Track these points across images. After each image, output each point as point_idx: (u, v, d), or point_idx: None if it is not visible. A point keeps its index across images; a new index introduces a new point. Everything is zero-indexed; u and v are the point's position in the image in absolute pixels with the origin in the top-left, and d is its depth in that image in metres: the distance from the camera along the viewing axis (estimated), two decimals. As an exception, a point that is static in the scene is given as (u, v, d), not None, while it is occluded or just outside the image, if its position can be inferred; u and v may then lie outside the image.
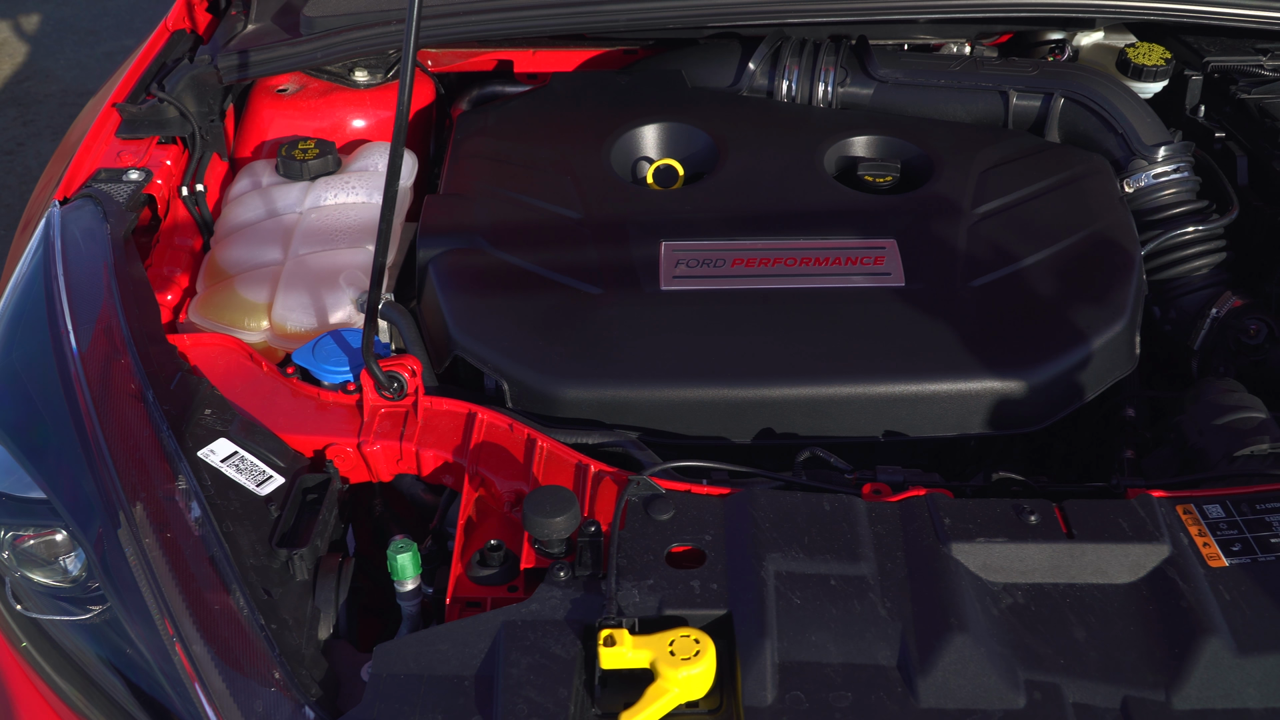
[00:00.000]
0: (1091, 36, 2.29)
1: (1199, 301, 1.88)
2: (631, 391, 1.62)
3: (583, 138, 2.00)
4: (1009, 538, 1.33)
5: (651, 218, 1.84)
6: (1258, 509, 1.37)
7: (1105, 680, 1.22)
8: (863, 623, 1.26)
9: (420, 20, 1.38)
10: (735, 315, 1.68)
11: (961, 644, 1.22)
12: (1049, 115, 2.02)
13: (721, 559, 1.34)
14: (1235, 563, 1.32)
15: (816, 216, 1.84)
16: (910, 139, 1.99)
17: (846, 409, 1.61)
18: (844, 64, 2.12)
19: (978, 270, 1.73)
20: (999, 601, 1.30)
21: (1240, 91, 2.13)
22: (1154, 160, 1.95)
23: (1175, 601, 1.27)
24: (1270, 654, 1.23)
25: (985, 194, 1.86)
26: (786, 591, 1.29)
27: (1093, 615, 1.28)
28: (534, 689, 1.23)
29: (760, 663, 1.23)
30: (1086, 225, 1.80)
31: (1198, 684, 1.21)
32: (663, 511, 1.40)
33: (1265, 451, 1.50)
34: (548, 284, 1.73)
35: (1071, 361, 1.63)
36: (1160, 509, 1.36)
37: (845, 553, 1.33)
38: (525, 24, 2.11)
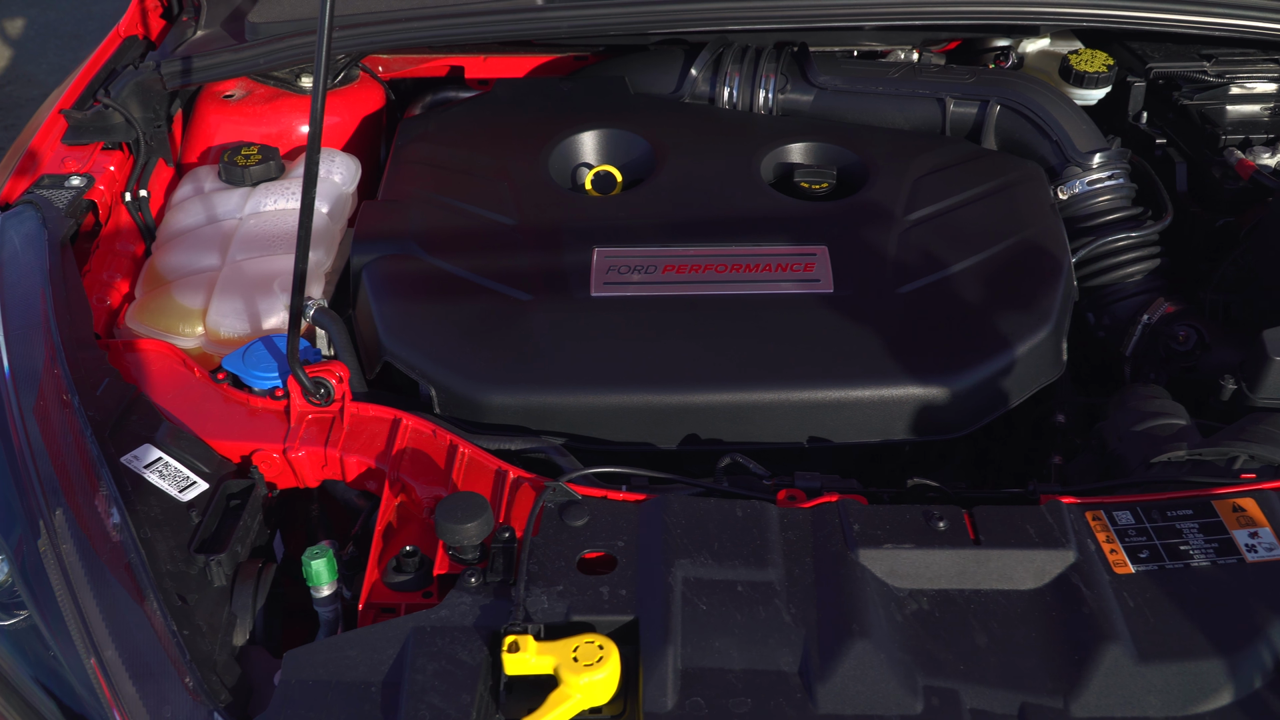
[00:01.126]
0: (1037, 43, 2.30)
1: (1132, 308, 1.88)
2: (557, 397, 1.62)
3: (522, 144, 2.00)
4: (916, 544, 1.33)
5: (586, 224, 1.84)
6: (1168, 516, 1.38)
7: (1004, 686, 1.22)
8: (767, 629, 1.27)
9: (331, 32, 1.39)
10: (663, 321, 1.68)
11: (862, 650, 1.23)
12: (985, 122, 2.03)
13: (632, 565, 1.34)
14: (1141, 570, 1.32)
15: (750, 223, 1.85)
16: (848, 146, 2.00)
17: (770, 415, 1.61)
18: (784, 71, 2.13)
19: (906, 277, 1.74)
20: (904, 607, 1.30)
21: (1183, 97, 2.13)
22: (1088, 167, 1.96)
23: (1078, 608, 1.28)
24: (1171, 662, 1.23)
25: (918, 201, 1.87)
26: (693, 598, 1.30)
27: (996, 621, 1.28)
28: (438, 695, 1.23)
29: (662, 669, 1.23)
30: (1016, 232, 1.81)
31: (1097, 691, 1.21)
32: (577, 518, 1.40)
33: (1181, 458, 1.50)
34: (478, 290, 1.74)
35: (995, 368, 1.64)
36: (1069, 516, 1.37)
37: (754, 559, 1.33)
38: (468, 31, 2.12)
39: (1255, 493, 1.40)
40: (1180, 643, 1.25)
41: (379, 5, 2.15)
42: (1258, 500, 1.39)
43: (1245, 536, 1.35)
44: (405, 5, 2.15)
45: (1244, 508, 1.38)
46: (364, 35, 2.11)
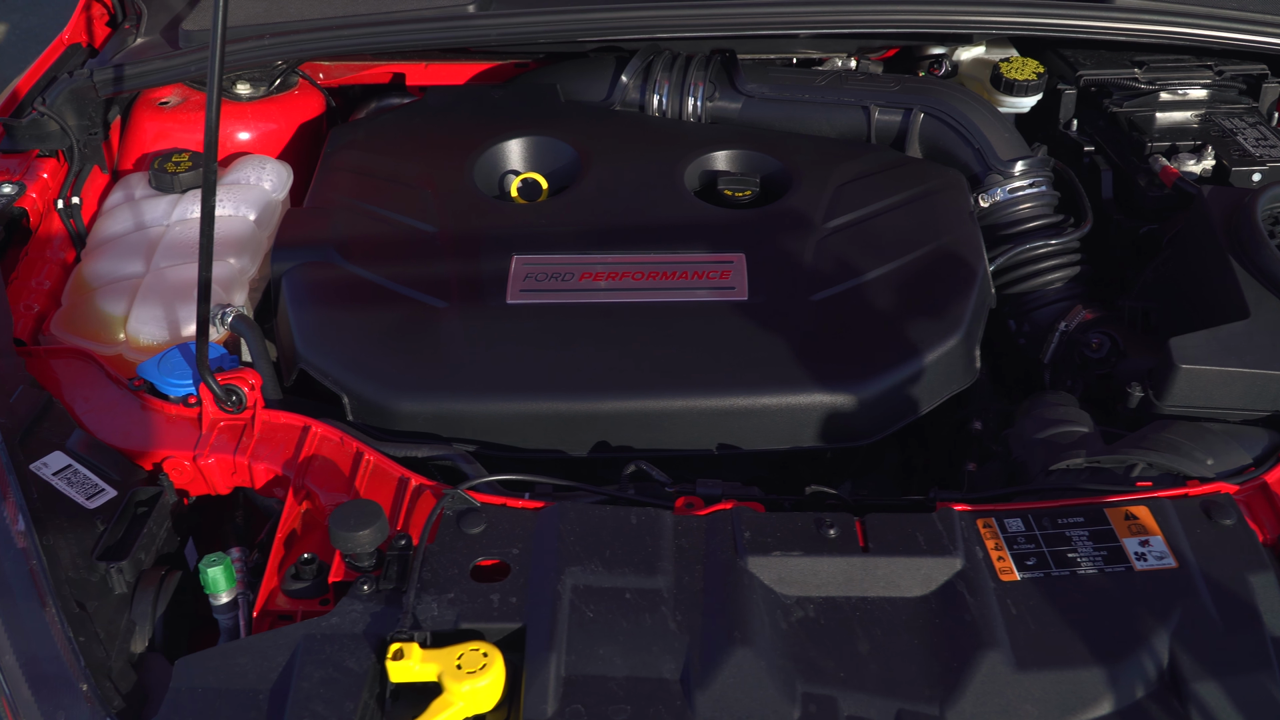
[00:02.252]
0: (972, 51, 2.30)
1: (1051, 315, 1.89)
2: (466, 405, 1.63)
3: (449, 152, 2.01)
4: (805, 551, 1.34)
5: (507, 232, 1.85)
6: (1059, 523, 1.38)
7: (882, 693, 1.23)
8: (651, 636, 1.27)
9: (225, 43, 1.39)
10: (575, 329, 1.69)
11: (742, 657, 1.23)
12: (909, 130, 2.04)
13: (525, 573, 1.35)
14: (1027, 577, 1.33)
15: (671, 231, 1.85)
16: (773, 153, 2.00)
17: (678, 422, 1.62)
18: (713, 79, 2.13)
19: (820, 284, 1.75)
20: (790, 615, 1.31)
21: (1113, 105, 2.14)
22: (1009, 175, 1.96)
23: (961, 615, 1.28)
24: (1049, 669, 1.24)
25: (838, 208, 1.88)
26: (581, 605, 1.30)
27: (879, 629, 1.29)
28: (321, 702, 1.24)
29: (544, 676, 1.24)
30: (932, 240, 1.81)
31: (973, 698, 1.22)
32: (474, 525, 1.40)
33: (1080, 466, 1.51)
34: (394, 297, 1.74)
35: (903, 375, 1.64)
36: (960, 523, 1.37)
37: (644, 566, 1.34)
38: (400, 39, 2.13)
39: (1149, 501, 1.41)
40: (1060, 651, 1.25)
41: (313, 12, 2.16)
42: (1151, 508, 1.40)
43: (1135, 545, 1.36)
44: (339, 12, 2.16)
45: (1137, 516, 1.39)
46: (296, 42, 2.12)
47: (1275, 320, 1.63)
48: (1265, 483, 1.47)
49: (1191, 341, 1.60)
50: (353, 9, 2.16)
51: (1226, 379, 1.58)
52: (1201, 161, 1.98)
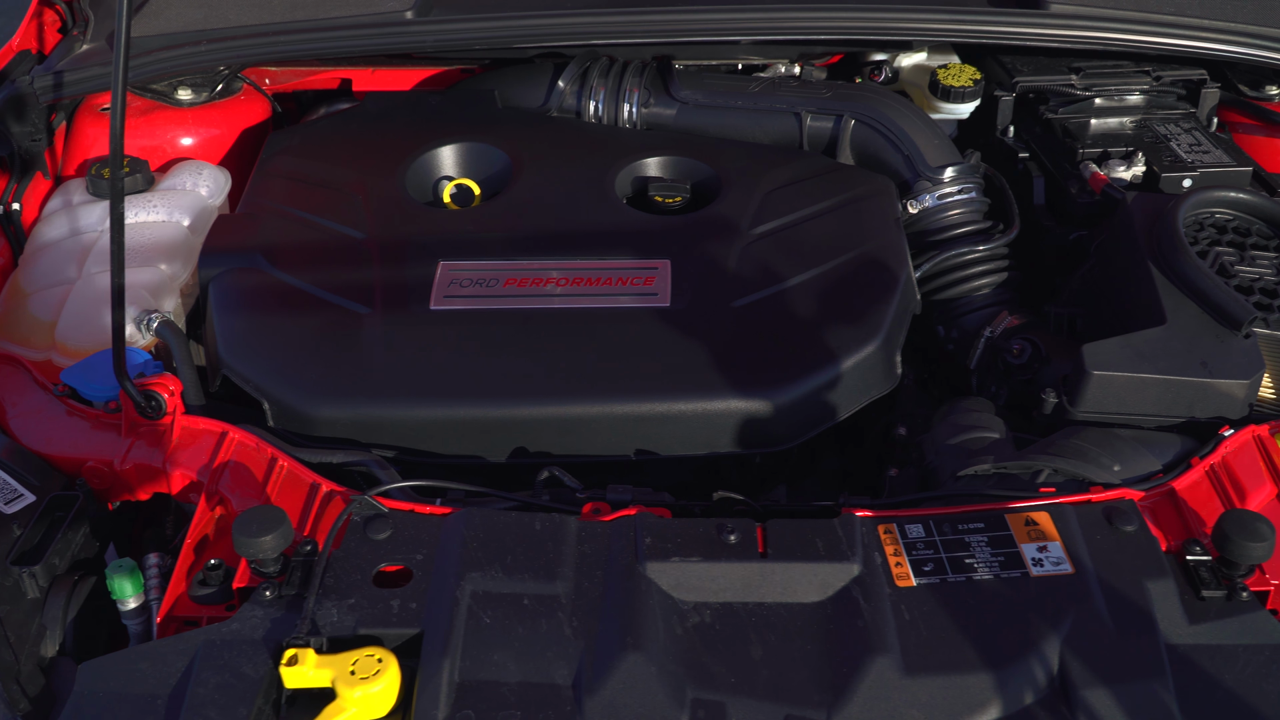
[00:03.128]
0: (913, 57, 2.31)
1: (978, 321, 1.90)
2: (384, 410, 1.63)
3: (382, 158, 2.02)
4: (704, 557, 1.34)
5: (436, 238, 1.86)
6: (959, 529, 1.39)
7: (771, 699, 1.24)
8: (546, 642, 1.28)
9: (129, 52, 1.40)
10: (496, 335, 1.69)
11: (633, 663, 1.24)
12: (840, 137, 2.05)
13: (427, 578, 1.35)
14: (923, 583, 1.33)
15: (599, 237, 1.86)
16: (705, 160, 2.01)
17: (595, 428, 1.62)
18: (648, 85, 2.14)
19: (742, 290, 1.75)
20: (686, 620, 1.31)
21: (1048, 111, 2.15)
22: (938, 181, 1.97)
23: (854, 621, 1.29)
24: (936, 675, 1.24)
25: (765, 214, 1.88)
26: (479, 611, 1.31)
27: (774, 634, 1.30)
28: (215, 708, 1.24)
29: (437, 681, 1.24)
30: (856, 246, 1.82)
31: (859, 703, 1.22)
32: (380, 531, 1.41)
33: (987, 472, 1.52)
34: (318, 303, 1.75)
35: (820, 381, 1.65)
36: (860, 529, 1.38)
37: (544, 572, 1.34)
38: (338, 45, 2.14)
39: (1051, 507, 1.41)
40: (949, 656, 1.26)
41: (250, 18, 2.17)
42: (1052, 515, 1.40)
43: (1033, 550, 1.36)
44: (277, 18, 2.17)
45: (1037, 522, 1.40)
46: (232, 48, 2.12)
47: (1191, 327, 1.64)
48: (1172, 489, 1.47)
49: (1104, 348, 1.61)
50: (291, 15, 2.16)
51: (1139, 385, 1.59)
52: (1132, 168, 1.99)
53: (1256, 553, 1.32)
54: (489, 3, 2.22)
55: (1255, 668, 1.28)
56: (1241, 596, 1.34)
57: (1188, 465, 1.51)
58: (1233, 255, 1.74)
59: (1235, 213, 1.81)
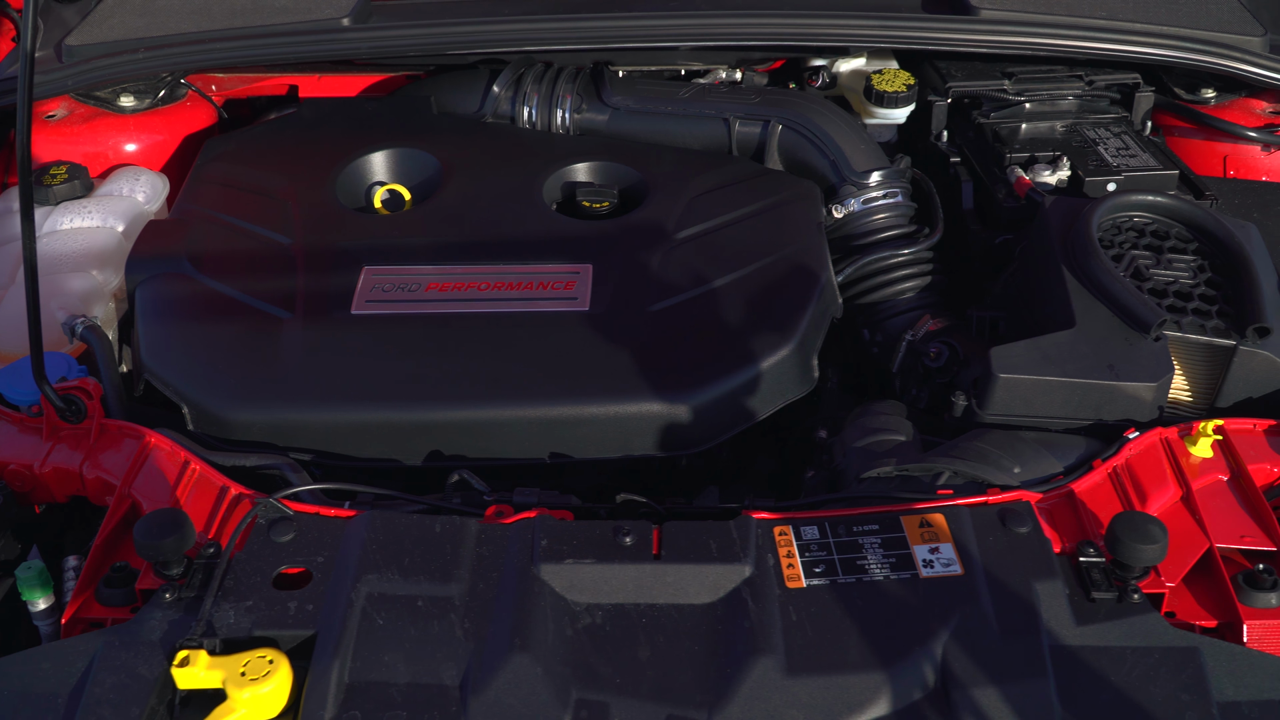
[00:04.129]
0: (852, 63, 2.32)
1: (901, 325, 1.91)
2: (301, 415, 1.65)
3: (314, 163, 2.03)
4: (598, 559, 1.36)
5: (362, 243, 1.87)
6: (854, 531, 1.40)
7: (655, 699, 1.25)
8: (436, 643, 1.29)
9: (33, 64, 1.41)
10: (414, 340, 1.71)
11: (519, 663, 1.25)
12: (768, 142, 2.06)
13: (326, 581, 1.37)
14: (813, 584, 1.35)
15: (525, 242, 1.88)
16: (634, 165, 2.03)
17: (509, 431, 1.64)
18: (580, 91, 2.16)
19: (662, 294, 1.77)
20: (577, 621, 1.32)
21: (981, 116, 2.16)
22: (864, 186, 1.98)
23: (741, 622, 1.30)
24: (818, 675, 1.25)
25: (689, 219, 1.90)
26: (373, 612, 1.32)
27: (663, 635, 1.31)
28: (109, 707, 1.26)
29: (326, 682, 1.26)
30: (776, 250, 1.83)
31: (740, 703, 1.23)
32: (283, 534, 1.43)
33: (890, 474, 1.53)
34: (241, 309, 1.76)
35: (734, 384, 1.66)
36: (756, 530, 1.39)
37: (440, 574, 1.36)
38: (277, 51, 2.16)
39: (947, 509, 1.43)
40: (833, 657, 1.27)
41: (190, 26, 2.19)
42: (948, 516, 1.41)
43: (925, 552, 1.38)
44: (216, 25, 2.19)
45: (932, 523, 1.41)
46: (170, 55, 2.15)
47: (1100, 330, 1.65)
48: (1071, 491, 1.48)
49: (1012, 351, 1.62)
50: (230, 22, 2.18)
51: (1045, 388, 1.60)
52: (1057, 172, 2.00)
53: (1147, 555, 1.33)
54: (430, 10, 2.25)
55: (1143, 670, 1.29)
56: (1133, 599, 1.35)
57: (1089, 467, 1.52)
58: (1149, 258, 1.75)
59: (1154, 216, 1.82)
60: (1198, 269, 1.75)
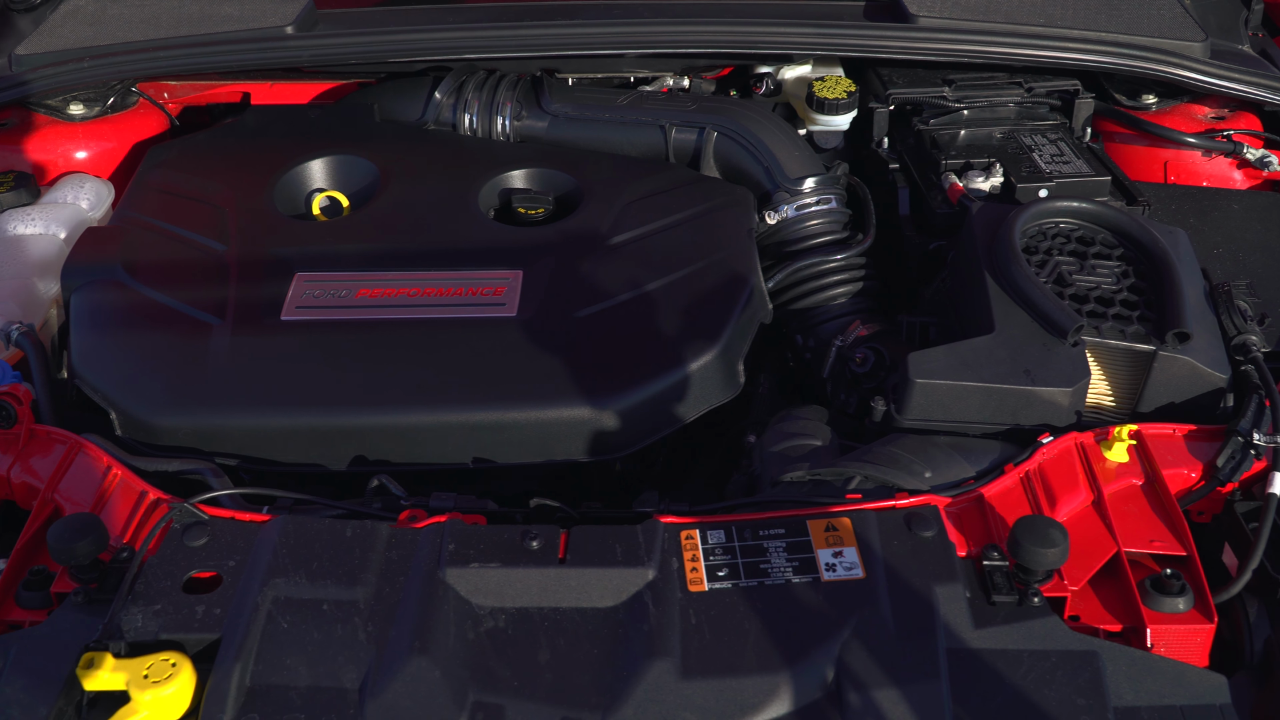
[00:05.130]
0: (796, 70, 2.34)
1: (833, 330, 1.92)
2: (226, 420, 1.66)
3: (254, 170, 2.05)
4: (503, 563, 1.37)
5: (296, 250, 1.89)
6: (759, 535, 1.41)
7: (551, 702, 1.26)
8: (338, 647, 1.31)
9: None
10: (342, 345, 1.72)
11: (417, 666, 1.27)
12: (703, 149, 2.08)
13: (235, 585, 1.38)
14: (715, 587, 1.36)
15: (458, 248, 1.89)
16: (571, 172, 2.04)
17: (431, 437, 1.65)
18: (520, 98, 2.17)
19: (590, 300, 1.78)
20: (480, 625, 1.34)
21: (920, 123, 2.17)
22: (797, 192, 2.00)
23: (641, 625, 1.31)
24: (713, 678, 1.27)
25: (622, 225, 1.91)
26: (278, 616, 1.34)
27: (563, 638, 1.32)
28: (18, 708, 1.28)
29: (226, 685, 1.27)
30: (706, 256, 1.85)
31: (634, 706, 1.25)
32: (197, 538, 1.44)
33: (802, 479, 1.54)
34: (172, 315, 1.78)
35: (655, 389, 1.68)
36: (662, 534, 1.40)
37: (347, 578, 1.37)
38: (220, 59, 2.19)
39: (854, 513, 1.44)
40: (728, 660, 1.28)
41: (136, 34, 2.21)
42: (854, 520, 1.43)
43: (829, 556, 1.39)
44: (163, 34, 2.21)
45: (837, 527, 1.42)
46: (116, 64, 2.17)
47: (1019, 335, 1.66)
48: (980, 495, 1.50)
49: (930, 356, 1.63)
50: (176, 30, 2.20)
51: (962, 393, 1.61)
52: (990, 179, 2.01)
53: (1047, 559, 1.35)
54: (375, 18, 2.27)
55: (1039, 673, 1.30)
56: (1033, 602, 1.36)
57: (1001, 472, 1.53)
58: (1073, 264, 1.76)
59: (1080, 222, 1.83)
60: (1121, 275, 1.76)
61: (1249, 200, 2.11)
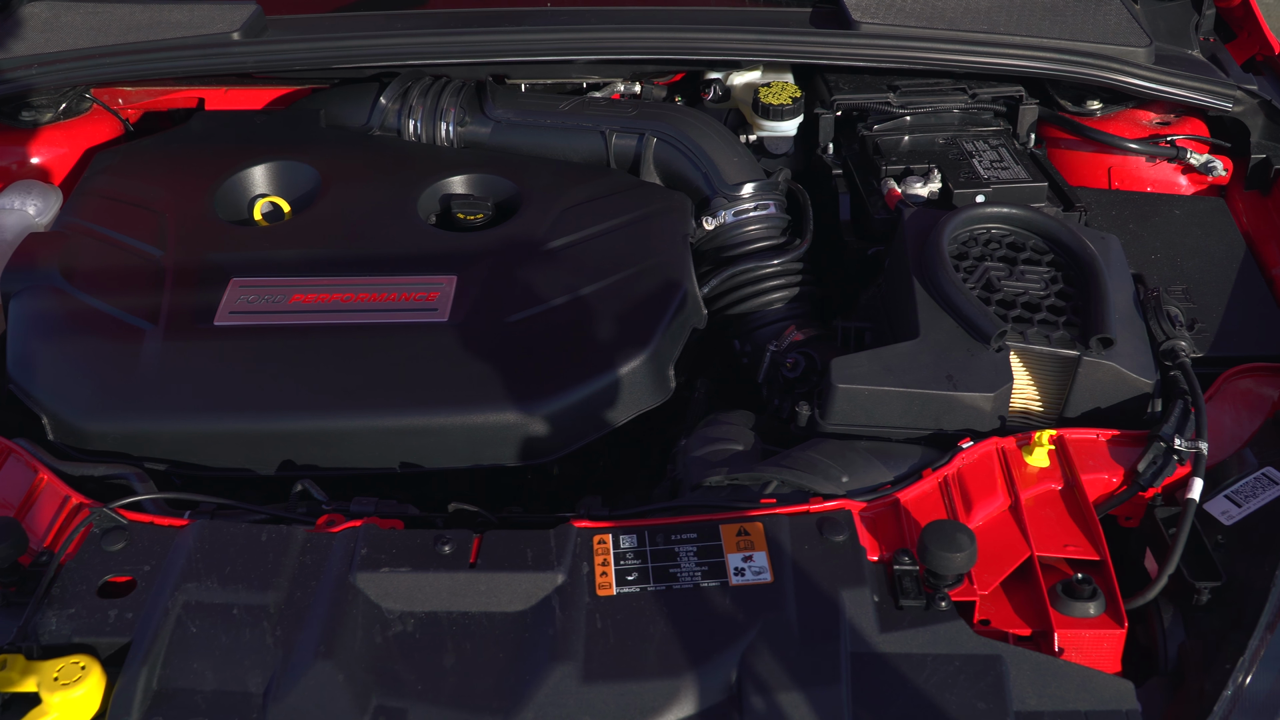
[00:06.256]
0: (745, 76, 2.34)
1: (769, 335, 1.93)
2: (155, 425, 1.67)
3: (196, 176, 2.06)
4: (414, 567, 1.38)
5: (234, 255, 1.90)
6: (671, 539, 1.42)
7: (453, 705, 1.27)
8: (245, 651, 1.32)
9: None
10: (271, 351, 1.73)
11: (320, 670, 1.28)
12: (643, 154, 2.08)
13: (149, 589, 1.39)
14: (624, 592, 1.37)
15: (395, 254, 1.90)
16: (512, 177, 2.05)
17: (358, 441, 1.66)
18: (464, 104, 2.18)
19: (522, 305, 1.79)
20: (389, 629, 1.35)
21: (865, 129, 2.18)
22: (735, 198, 2.01)
23: (546, 629, 1.32)
24: (614, 682, 1.28)
25: (558, 231, 1.92)
26: (187, 620, 1.35)
27: (471, 643, 1.33)
28: (-69, 710, 1.29)
29: (133, 688, 1.28)
30: (639, 262, 1.86)
31: (534, 710, 1.26)
32: (115, 543, 1.45)
33: (721, 484, 1.55)
34: (106, 321, 1.79)
35: (583, 394, 1.68)
36: (575, 539, 1.41)
37: (258, 583, 1.38)
38: (167, 65, 2.20)
39: (767, 517, 1.44)
40: (631, 664, 1.29)
41: (85, 41, 2.22)
42: (766, 525, 1.43)
43: (738, 560, 1.40)
44: (112, 41, 2.22)
45: (749, 532, 1.43)
46: (64, 70, 2.18)
47: (943, 340, 1.67)
48: (896, 500, 1.50)
49: (853, 361, 1.64)
50: (124, 37, 2.21)
51: (884, 398, 1.62)
52: (928, 184, 2.02)
53: (954, 563, 1.35)
54: (325, 24, 2.28)
55: (941, 676, 1.31)
56: (940, 606, 1.36)
57: (919, 476, 1.54)
58: (1002, 270, 1.77)
59: (1011, 228, 1.84)
60: (1050, 280, 1.76)
61: (1190, 206, 2.12)
